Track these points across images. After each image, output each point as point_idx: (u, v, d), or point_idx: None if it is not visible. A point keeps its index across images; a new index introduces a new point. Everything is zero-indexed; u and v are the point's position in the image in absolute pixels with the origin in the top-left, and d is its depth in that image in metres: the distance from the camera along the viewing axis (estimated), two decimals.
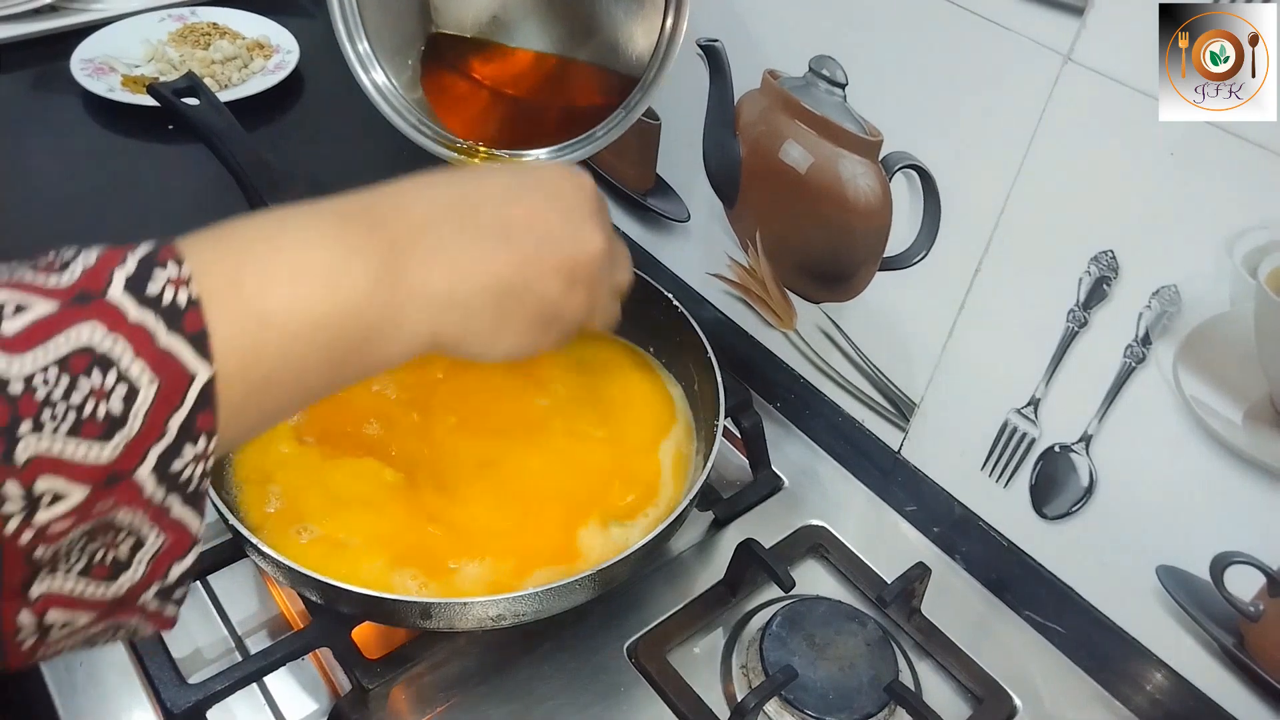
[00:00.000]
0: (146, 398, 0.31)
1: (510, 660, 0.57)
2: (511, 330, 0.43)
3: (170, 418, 0.31)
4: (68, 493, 0.30)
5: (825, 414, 0.71)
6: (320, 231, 0.38)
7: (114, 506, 0.31)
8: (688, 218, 0.76)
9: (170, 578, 0.34)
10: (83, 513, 0.30)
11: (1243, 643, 0.53)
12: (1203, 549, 0.53)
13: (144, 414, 0.31)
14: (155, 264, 0.32)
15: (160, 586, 0.34)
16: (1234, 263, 0.46)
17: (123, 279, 0.31)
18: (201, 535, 0.35)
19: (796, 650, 0.56)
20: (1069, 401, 0.56)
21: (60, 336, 0.30)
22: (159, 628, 0.36)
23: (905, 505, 0.68)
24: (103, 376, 0.30)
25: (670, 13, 0.56)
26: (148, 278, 0.32)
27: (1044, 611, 0.62)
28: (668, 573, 0.63)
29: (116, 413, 0.30)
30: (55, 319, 0.30)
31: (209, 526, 0.59)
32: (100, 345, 0.30)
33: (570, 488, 0.59)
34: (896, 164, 0.59)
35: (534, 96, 0.65)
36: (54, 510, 0.30)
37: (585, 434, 0.62)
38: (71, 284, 0.31)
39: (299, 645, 0.54)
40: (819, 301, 0.69)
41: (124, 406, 0.30)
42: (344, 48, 0.61)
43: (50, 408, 0.29)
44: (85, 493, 0.30)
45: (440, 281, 0.40)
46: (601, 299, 0.48)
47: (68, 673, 0.54)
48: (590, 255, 0.45)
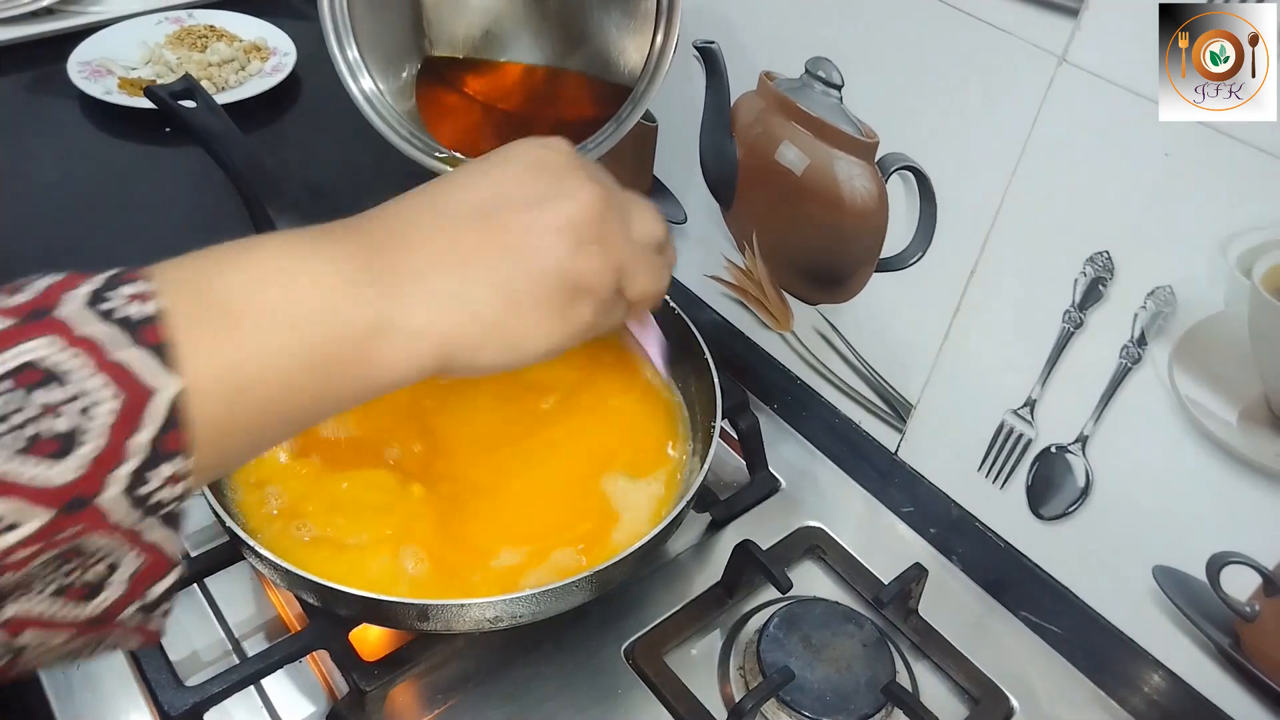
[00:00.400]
0: (105, 413, 0.29)
1: (508, 662, 0.57)
2: (531, 317, 0.39)
3: (133, 435, 0.29)
4: (25, 518, 0.28)
5: (822, 415, 0.72)
6: (294, 241, 0.36)
7: (81, 532, 0.29)
8: (684, 220, 0.76)
9: (149, 598, 0.33)
10: (44, 538, 0.29)
11: (1239, 643, 0.53)
12: (1199, 549, 0.53)
13: (104, 430, 0.29)
14: (119, 283, 0.31)
15: (140, 605, 0.33)
16: (1228, 264, 0.46)
17: (82, 295, 0.30)
18: (181, 558, 0.33)
19: (794, 652, 0.56)
20: (1065, 402, 0.56)
21: (8, 352, 0.28)
22: (145, 640, 0.34)
23: (902, 506, 0.68)
24: (56, 391, 0.28)
25: (661, 26, 0.56)
26: (108, 294, 0.30)
27: (1041, 612, 0.62)
28: (665, 574, 0.63)
29: (71, 429, 0.28)
30: (4, 335, 0.29)
31: (206, 529, 0.61)
32: (51, 359, 0.29)
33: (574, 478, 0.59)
34: (892, 165, 0.59)
35: (527, 110, 0.65)
36: (10, 538, 0.28)
37: (588, 434, 0.62)
38: (26, 302, 0.29)
39: (296, 648, 0.54)
40: (815, 303, 0.69)
41: (80, 422, 0.29)
42: (334, 55, 0.61)
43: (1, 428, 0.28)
44: (46, 518, 0.28)
45: (434, 276, 0.37)
46: (628, 258, 0.42)
47: (64, 676, 0.54)
48: (585, 206, 0.40)
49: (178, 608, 0.57)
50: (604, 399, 0.64)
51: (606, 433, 0.62)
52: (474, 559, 0.55)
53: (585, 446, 0.61)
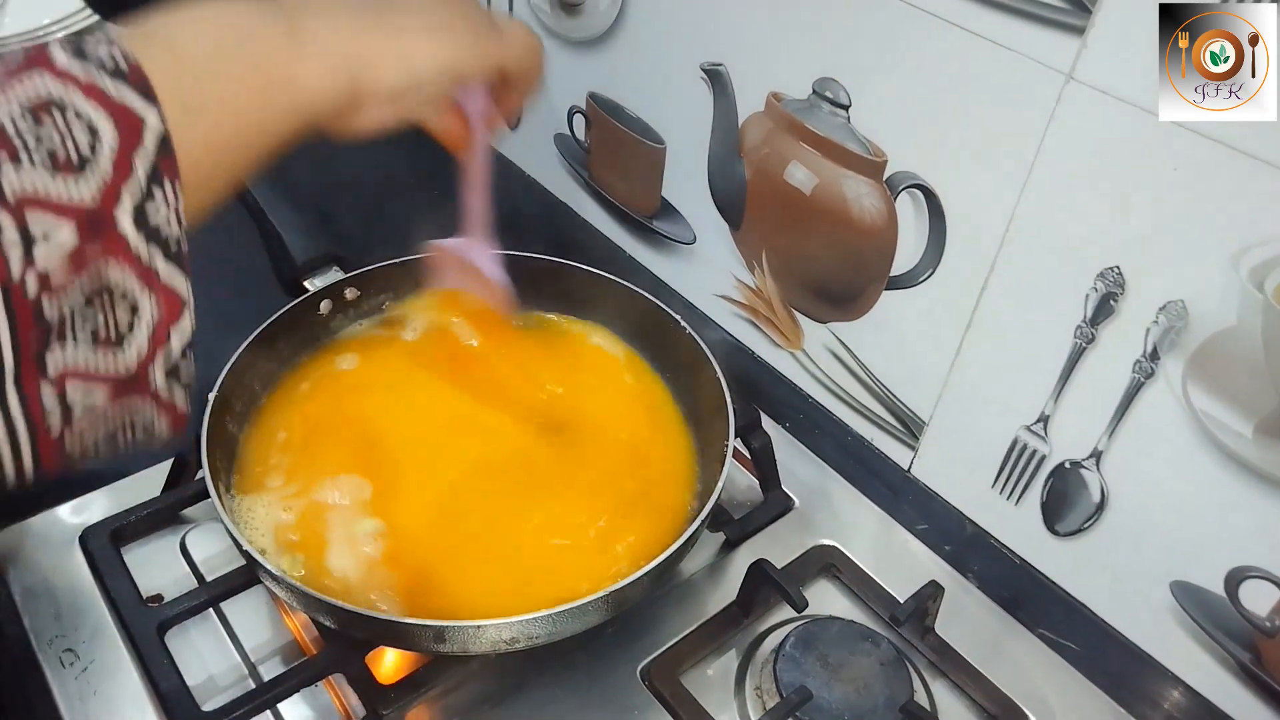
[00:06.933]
0: (109, 138, 0.34)
1: (524, 684, 0.57)
2: (418, 36, 0.47)
3: (135, 156, 0.35)
4: (58, 229, 0.33)
5: (834, 433, 0.71)
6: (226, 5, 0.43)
7: (103, 255, 0.34)
8: (694, 240, 0.76)
9: (173, 348, 0.38)
10: (77, 259, 0.33)
11: (1259, 658, 0.53)
12: (1217, 564, 0.52)
13: (110, 153, 0.34)
14: (89, 36, 0.36)
15: (166, 362, 0.38)
16: (1240, 277, 0.46)
17: (63, 47, 0.36)
18: (191, 298, 0.38)
19: (810, 671, 0.56)
20: (1079, 418, 0.56)
21: (16, 90, 0.34)
22: (172, 423, 0.40)
23: (916, 524, 0.68)
24: (64, 118, 0.34)
25: None
26: (85, 45, 0.36)
27: (1058, 629, 0.61)
28: (680, 594, 0.63)
29: (85, 149, 0.34)
30: (9, 81, 0.34)
31: (222, 553, 0.61)
32: (54, 93, 0.34)
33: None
34: (901, 184, 0.59)
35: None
36: (49, 249, 0.33)
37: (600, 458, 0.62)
38: (20, 62, 0.35)
39: (312, 672, 0.54)
40: (826, 321, 0.69)
41: (90, 142, 0.34)
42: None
43: (25, 146, 0.33)
44: (74, 231, 0.33)
45: (333, 14, 0.45)
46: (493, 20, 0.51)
47: (81, 702, 0.54)
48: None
49: (194, 631, 0.58)
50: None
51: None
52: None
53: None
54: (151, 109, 0.36)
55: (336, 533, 0.56)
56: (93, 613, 0.58)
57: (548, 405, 0.65)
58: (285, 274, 0.68)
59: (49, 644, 0.57)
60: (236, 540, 0.52)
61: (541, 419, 0.64)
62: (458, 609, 0.53)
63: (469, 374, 0.66)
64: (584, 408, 0.65)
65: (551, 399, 0.65)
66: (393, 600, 0.53)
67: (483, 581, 0.55)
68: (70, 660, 0.56)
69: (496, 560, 0.57)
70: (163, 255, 0.36)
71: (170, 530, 0.63)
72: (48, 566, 0.60)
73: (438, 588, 0.55)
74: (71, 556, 0.60)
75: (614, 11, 0.72)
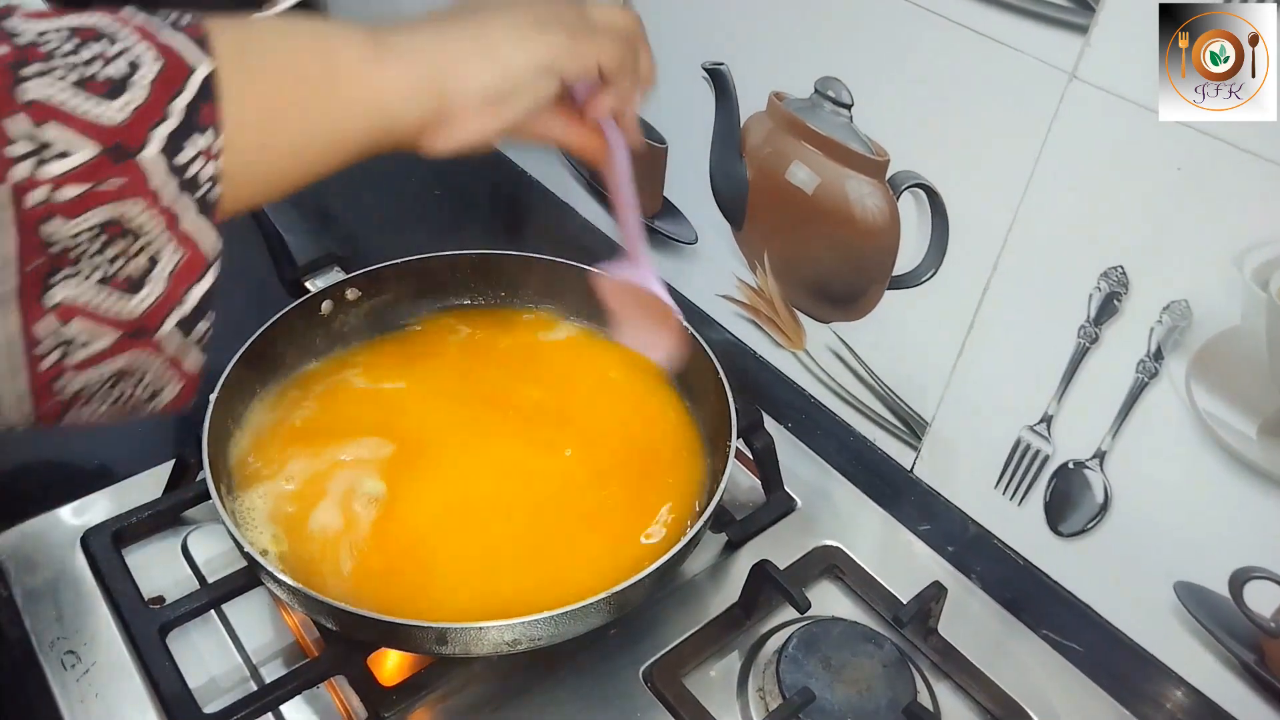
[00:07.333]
0: (150, 71, 0.33)
1: (526, 686, 0.57)
2: (507, 35, 0.44)
3: (173, 98, 0.33)
4: (74, 148, 0.31)
5: (837, 434, 0.71)
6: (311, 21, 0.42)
7: (124, 190, 0.32)
8: (695, 240, 0.76)
9: (187, 303, 0.36)
10: (91, 178, 0.32)
11: (1263, 658, 0.52)
12: (1221, 564, 0.52)
13: (148, 85, 0.33)
14: (168, 16, 0.36)
15: (179, 315, 0.36)
16: (1244, 277, 0.46)
17: (134, 10, 0.35)
18: (217, 257, 0.36)
19: (813, 672, 0.56)
20: (1082, 418, 0.56)
21: (69, 19, 0.33)
22: (182, 385, 0.37)
23: (919, 525, 0.68)
24: (108, 46, 0.33)
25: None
26: (157, 11, 0.35)
27: (1062, 630, 0.61)
28: (682, 596, 0.62)
29: (120, 76, 0.33)
30: (63, 16, 0.33)
31: (223, 555, 0.61)
32: (107, 27, 0.34)
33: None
34: (903, 183, 0.59)
35: None
36: (60, 165, 0.31)
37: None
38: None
39: (314, 674, 0.54)
40: (828, 321, 0.69)
41: (128, 71, 0.33)
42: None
43: (58, 61, 0.32)
44: (93, 152, 0.32)
45: (418, 32, 0.43)
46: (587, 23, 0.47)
47: (82, 703, 0.54)
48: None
49: (196, 633, 0.58)
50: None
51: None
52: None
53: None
54: (205, 59, 0.34)
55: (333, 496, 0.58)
56: (94, 614, 0.58)
57: (549, 405, 0.65)
58: (286, 274, 0.68)
59: (50, 646, 0.56)
60: (238, 542, 0.52)
61: (544, 419, 0.64)
62: (430, 594, 0.54)
63: (471, 374, 0.66)
64: (586, 408, 0.65)
65: (553, 399, 0.65)
66: (364, 570, 0.55)
67: (466, 578, 0.56)
68: (72, 662, 0.56)
69: (494, 559, 0.57)
70: (192, 203, 0.34)
71: (172, 531, 0.63)
72: (49, 568, 0.60)
73: (417, 569, 0.55)
74: (73, 558, 0.60)
75: None
